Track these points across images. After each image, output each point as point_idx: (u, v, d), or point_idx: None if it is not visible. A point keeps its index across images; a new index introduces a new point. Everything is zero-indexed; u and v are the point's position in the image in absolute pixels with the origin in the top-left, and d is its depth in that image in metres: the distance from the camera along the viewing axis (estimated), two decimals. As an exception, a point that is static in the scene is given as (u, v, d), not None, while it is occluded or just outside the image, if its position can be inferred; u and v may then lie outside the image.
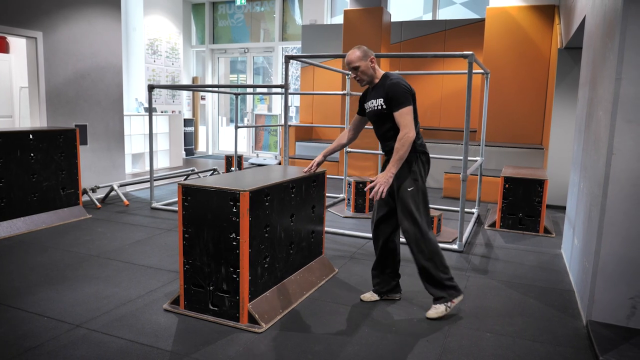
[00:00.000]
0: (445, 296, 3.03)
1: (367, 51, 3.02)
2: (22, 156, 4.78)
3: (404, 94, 2.92)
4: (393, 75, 3.03)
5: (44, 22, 5.74)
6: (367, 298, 3.28)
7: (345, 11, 8.39)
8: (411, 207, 2.96)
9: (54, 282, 3.47)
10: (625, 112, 2.70)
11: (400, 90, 2.92)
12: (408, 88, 2.96)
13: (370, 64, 3.02)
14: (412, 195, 2.96)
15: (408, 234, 2.99)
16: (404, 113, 2.90)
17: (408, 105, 2.92)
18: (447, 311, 3.01)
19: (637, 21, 2.63)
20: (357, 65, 3.00)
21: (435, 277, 3.01)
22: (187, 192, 2.88)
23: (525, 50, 7.66)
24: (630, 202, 2.73)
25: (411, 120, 2.91)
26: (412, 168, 2.97)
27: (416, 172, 2.98)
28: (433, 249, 2.99)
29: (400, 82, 2.96)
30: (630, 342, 2.63)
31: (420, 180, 3.00)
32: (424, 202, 3.02)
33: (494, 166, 7.37)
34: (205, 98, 12.23)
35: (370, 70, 3.03)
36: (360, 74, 3.03)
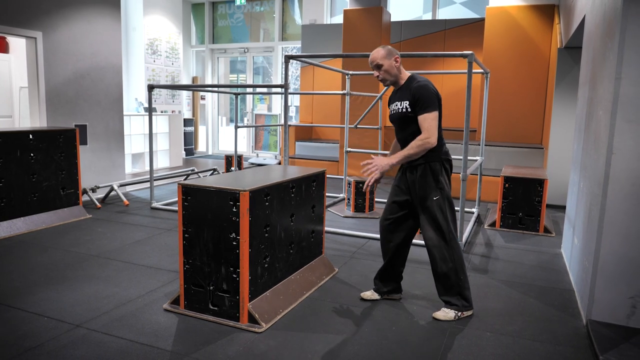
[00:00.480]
0: (458, 305, 3.01)
1: (392, 50, 2.94)
2: (22, 156, 4.78)
3: (432, 98, 2.84)
4: (420, 78, 2.94)
5: (44, 22, 5.74)
6: (368, 296, 3.27)
7: (345, 11, 8.39)
8: (437, 216, 2.92)
9: (54, 282, 3.47)
10: (625, 111, 2.70)
11: (427, 94, 2.84)
12: (436, 92, 2.89)
13: (395, 63, 2.94)
14: (438, 204, 2.92)
15: (432, 241, 2.96)
16: (429, 118, 2.83)
17: (434, 111, 2.84)
18: (455, 319, 2.98)
19: (637, 21, 2.63)
20: (380, 63, 2.92)
21: (455, 286, 2.99)
22: (187, 192, 2.88)
23: (525, 49, 7.66)
24: (630, 201, 2.73)
25: (435, 126, 2.84)
26: (438, 177, 2.93)
27: (442, 182, 2.94)
28: (457, 258, 2.97)
29: (428, 85, 2.88)
30: (630, 342, 2.63)
31: (446, 188, 2.96)
32: (451, 210, 2.98)
33: (494, 166, 7.37)
34: (205, 98, 12.24)
35: (395, 70, 2.95)
36: (383, 73, 2.95)
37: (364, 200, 5.86)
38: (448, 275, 2.97)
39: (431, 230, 2.95)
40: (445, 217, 2.94)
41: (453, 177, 7.42)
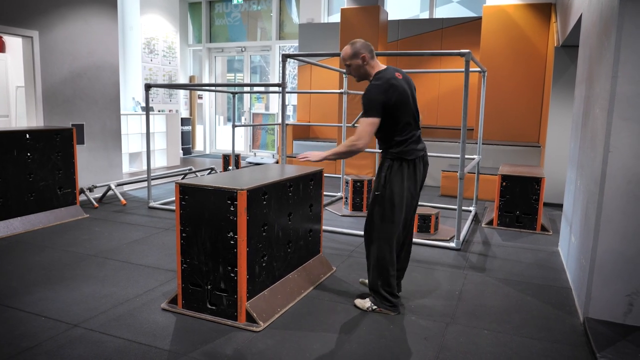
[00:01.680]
0: (376, 299, 3.07)
1: (359, 48, 2.95)
2: (19, 156, 4.77)
3: (372, 103, 2.85)
4: (378, 76, 2.93)
5: (40, 21, 5.73)
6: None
7: (342, 9, 8.39)
8: (374, 211, 3.02)
9: (52, 281, 3.47)
10: (621, 109, 2.71)
11: (369, 98, 2.86)
12: (381, 96, 2.84)
13: (362, 62, 2.96)
14: (378, 200, 3.00)
15: (365, 233, 3.10)
16: (363, 122, 2.87)
17: (370, 117, 2.84)
18: (367, 309, 3.07)
19: (633, 19, 2.64)
20: (348, 63, 3.01)
21: (374, 281, 3.08)
22: (185, 191, 2.88)
23: (522, 48, 7.67)
24: (627, 199, 2.74)
25: (368, 131, 2.85)
26: (385, 175, 2.98)
27: (385, 178, 2.97)
28: (376, 258, 3.03)
29: (375, 89, 2.87)
30: (627, 339, 2.64)
31: (390, 187, 2.95)
32: (391, 209, 2.96)
33: (491, 164, 7.38)
34: (202, 97, 12.21)
35: (362, 68, 2.99)
36: (352, 70, 3.03)
37: (362, 199, 5.86)
38: (370, 270, 3.09)
39: (367, 222, 3.07)
40: (381, 214, 2.98)
41: (451, 176, 7.44)
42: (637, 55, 2.65)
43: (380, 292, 3.05)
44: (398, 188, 2.96)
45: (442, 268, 3.94)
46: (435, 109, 9.28)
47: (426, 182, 7.90)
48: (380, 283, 3.05)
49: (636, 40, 2.64)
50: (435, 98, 9.25)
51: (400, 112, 2.93)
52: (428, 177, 7.79)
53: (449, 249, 4.44)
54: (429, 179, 7.82)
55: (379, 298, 3.07)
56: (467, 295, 3.39)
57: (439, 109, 9.25)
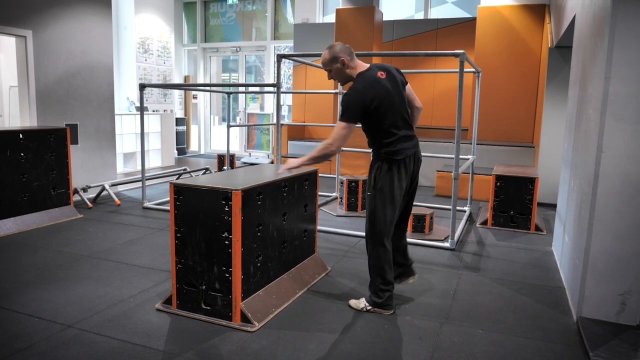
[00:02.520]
0: (373, 300, 3.08)
1: (337, 53, 2.93)
2: (12, 156, 4.74)
3: (349, 106, 2.85)
4: (360, 79, 2.91)
5: (34, 21, 5.70)
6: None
7: (337, 10, 8.40)
8: (369, 211, 3.05)
9: (45, 282, 3.45)
10: (614, 110, 2.73)
11: (347, 101, 2.87)
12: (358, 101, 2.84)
13: (341, 66, 2.94)
14: (371, 200, 3.03)
15: (365, 233, 3.12)
16: (338, 126, 2.87)
17: (345, 121, 2.85)
18: (362, 309, 3.09)
19: (626, 20, 2.66)
20: (327, 68, 3.02)
21: (372, 282, 3.11)
22: (179, 192, 2.87)
23: (517, 49, 7.70)
24: (620, 199, 2.76)
25: (342, 135, 2.85)
26: (375, 175, 3.01)
27: (376, 179, 2.99)
28: (374, 258, 3.06)
29: (353, 92, 2.86)
30: (620, 338, 2.66)
31: (380, 186, 2.96)
32: (382, 209, 2.98)
33: (486, 164, 7.41)
34: (197, 97, 12.19)
35: (343, 72, 2.97)
36: (333, 75, 3.03)
37: (357, 199, 5.87)
38: (369, 267, 3.11)
39: (365, 222, 3.10)
40: (374, 214, 3.01)
41: (445, 176, 7.47)
42: (630, 56, 2.67)
43: (378, 293, 3.06)
44: (388, 188, 2.97)
45: (437, 268, 3.95)
46: (430, 110, 9.29)
47: (421, 182, 7.95)
48: (378, 282, 3.06)
49: (629, 41, 2.66)
50: (430, 98, 9.26)
51: (383, 114, 2.91)
52: (423, 177, 7.81)
53: (444, 249, 4.45)
54: (423, 179, 7.84)
55: (375, 297, 3.07)
56: (462, 295, 3.40)
57: (433, 110, 9.27)
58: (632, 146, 2.71)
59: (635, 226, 2.74)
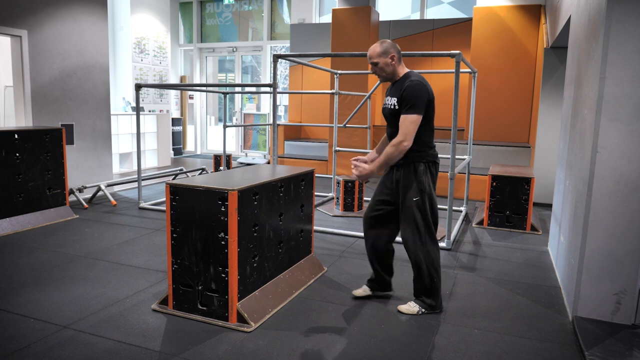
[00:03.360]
0: (426, 304, 3.07)
1: (388, 47, 2.95)
2: (7, 156, 4.72)
3: (417, 100, 2.83)
4: (415, 77, 2.93)
5: (29, 20, 5.68)
6: (360, 293, 3.29)
7: (334, 10, 8.40)
8: (415, 217, 2.97)
9: (41, 283, 3.44)
10: (609, 110, 2.74)
11: (414, 95, 2.83)
12: (425, 94, 2.86)
13: (391, 61, 2.95)
14: (417, 205, 2.96)
15: (409, 242, 3.01)
16: (407, 120, 2.83)
17: (417, 113, 2.83)
18: (417, 314, 3.05)
19: (621, 21, 2.67)
20: (375, 61, 2.97)
21: (427, 287, 3.05)
22: (175, 192, 2.87)
23: (512, 49, 7.73)
24: (615, 199, 2.77)
25: (413, 129, 2.83)
26: (420, 178, 2.95)
27: (423, 183, 2.96)
28: (430, 261, 3.02)
29: (419, 86, 2.86)
30: (615, 337, 2.67)
31: (428, 189, 2.98)
32: (432, 213, 3.01)
33: (482, 164, 7.42)
34: (193, 97, 12.17)
35: (390, 67, 2.97)
36: (378, 70, 3.00)
37: (353, 199, 5.87)
38: (421, 276, 3.04)
39: (409, 230, 3.00)
40: (424, 218, 2.98)
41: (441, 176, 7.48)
42: (625, 57, 2.68)
43: (435, 294, 3.06)
44: (433, 190, 3.02)
45: (433, 268, 3.95)
46: (426, 110, 9.30)
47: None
48: (436, 287, 3.05)
49: (624, 42, 2.67)
50: (426, 99, 9.27)
51: (433, 114, 2.98)
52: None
53: (440, 249, 4.45)
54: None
55: (430, 300, 3.05)
56: (458, 295, 3.41)
57: (430, 110, 9.27)
58: (627, 146, 2.72)
59: (630, 226, 2.76)
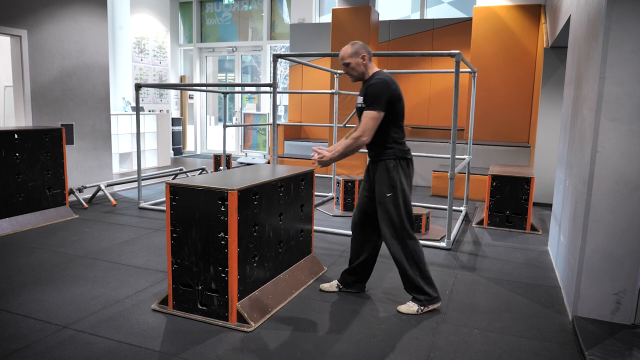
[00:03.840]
0: (421, 299, 3.08)
1: (359, 48, 3.01)
2: (7, 156, 4.72)
3: (379, 97, 2.91)
4: (380, 74, 3.01)
5: (29, 20, 5.68)
6: (326, 288, 3.37)
7: (334, 10, 8.40)
8: (390, 213, 3.02)
9: (41, 283, 3.44)
10: (609, 110, 2.74)
11: (375, 91, 2.92)
12: (387, 91, 2.93)
13: (362, 60, 3.02)
14: (391, 201, 3.01)
15: (387, 237, 3.07)
16: (368, 116, 2.92)
17: (376, 110, 2.91)
18: (418, 312, 3.06)
19: (621, 21, 2.67)
20: (347, 62, 3.04)
21: (413, 280, 3.08)
22: (175, 192, 2.87)
23: (512, 49, 7.72)
24: (614, 199, 2.77)
25: (373, 125, 2.91)
26: (391, 174, 3.01)
27: (394, 179, 3.01)
28: (410, 254, 3.05)
29: (382, 84, 2.93)
30: (615, 337, 2.67)
31: (400, 185, 3.02)
32: (405, 207, 3.04)
33: (482, 164, 7.42)
34: (193, 97, 12.17)
35: (361, 67, 3.03)
36: (350, 70, 3.06)
37: (353, 199, 5.87)
38: (405, 271, 3.08)
39: (385, 226, 3.06)
40: (399, 214, 3.02)
41: (441, 176, 7.47)
42: (625, 57, 2.68)
43: (424, 288, 3.07)
44: (405, 185, 3.04)
45: (433, 268, 3.96)
46: (426, 110, 9.32)
47: (417, 182, 7.97)
48: (421, 280, 3.07)
49: (623, 42, 2.67)
50: (426, 98, 9.28)
51: (401, 110, 3.04)
52: (419, 177, 7.83)
53: (440, 249, 4.46)
54: (419, 179, 7.86)
55: (423, 295, 3.08)
56: (458, 295, 3.41)
57: (429, 110, 9.29)
58: (626, 146, 2.72)
59: (630, 226, 2.76)
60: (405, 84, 9.35)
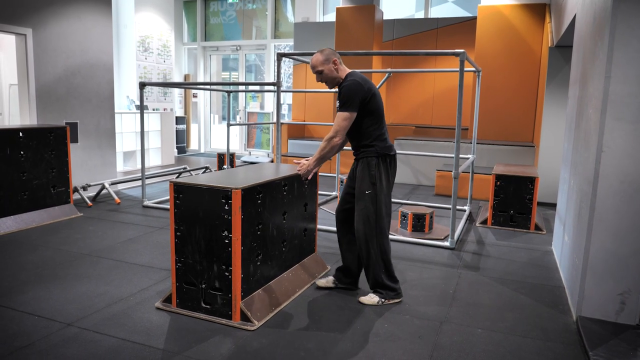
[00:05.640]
0: (382, 293, 3.17)
1: (329, 54, 3.07)
2: (12, 154, 4.74)
3: (349, 98, 2.95)
4: (352, 75, 3.06)
5: (34, 19, 5.69)
6: (323, 284, 3.41)
7: (338, 9, 8.39)
8: (368, 209, 3.07)
9: (45, 280, 3.45)
10: (614, 110, 2.73)
11: (346, 93, 2.96)
12: (359, 91, 2.96)
13: (334, 66, 3.07)
14: (370, 198, 3.06)
15: (359, 233, 3.12)
16: (340, 117, 2.96)
17: (348, 111, 2.96)
18: (378, 304, 3.15)
19: (626, 20, 2.65)
20: (320, 69, 3.08)
21: (377, 278, 3.15)
22: (179, 190, 2.87)
23: (517, 48, 7.70)
24: (619, 198, 2.76)
25: (345, 126, 2.97)
26: (372, 172, 3.06)
27: (375, 176, 3.06)
28: (377, 253, 3.11)
29: (353, 85, 2.98)
30: (619, 338, 2.66)
31: (379, 183, 3.07)
32: (385, 205, 3.10)
33: (486, 164, 7.41)
34: (197, 96, 12.19)
35: (334, 72, 3.08)
36: (324, 77, 3.10)
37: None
38: (369, 266, 3.15)
39: (360, 222, 3.11)
40: (376, 211, 3.07)
41: (445, 175, 7.46)
42: (630, 56, 2.67)
43: (387, 283, 3.16)
44: (385, 183, 3.09)
45: (437, 267, 3.95)
46: (430, 109, 9.30)
47: (421, 182, 7.95)
48: (384, 276, 3.15)
49: (629, 41, 2.66)
50: (430, 98, 9.27)
51: (378, 107, 3.07)
52: (423, 176, 7.83)
53: (443, 248, 4.45)
54: (423, 179, 7.85)
55: (385, 290, 3.17)
56: (461, 294, 3.40)
57: (433, 109, 9.27)
58: (632, 145, 2.71)
59: (635, 226, 2.74)
60: (410, 83, 9.33)
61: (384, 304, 3.16)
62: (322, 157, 3.07)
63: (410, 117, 9.45)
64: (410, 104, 9.41)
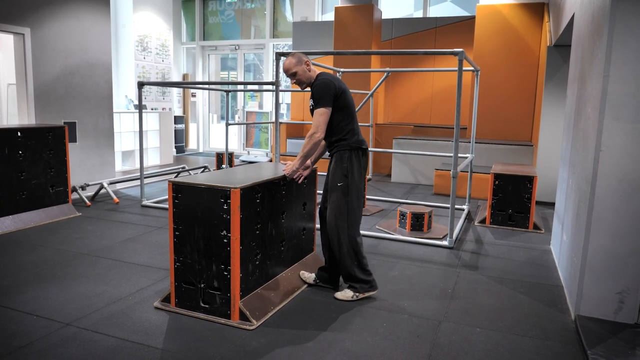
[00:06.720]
0: (356, 287, 3.21)
1: (301, 57, 3.18)
2: (10, 154, 4.73)
3: (323, 95, 3.05)
4: (322, 75, 3.17)
5: (32, 18, 5.68)
6: (305, 277, 3.45)
7: (336, 8, 8.39)
8: (339, 202, 3.14)
9: (44, 280, 3.45)
10: (613, 109, 2.73)
11: (319, 91, 3.06)
12: (330, 88, 3.06)
13: (306, 66, 3.17)
14: (342, 190, 3.13)
15: (330, 225, 3.18)
16: (317, 113, 3.05)
17: (323, 107, 3.05)
18: (353, 299, 3.20)
19: (625, 20, 2.66)
20: (294, 71, 3.17)
21: (349, 269, 3.19)
22: (178, 190, 2.87)
23: (515, 47, 7.70)
24: (618, 198, 2.77)
25: (323, 121, 3.05)
26: (344, 164, 3.13)
27: (347, 169, 3.13)
28: (349, 245, 3.16)
29: (323, 82, 3.09)
30: (618, 336, 2.67)
31: (351, 176, 3.14)
32: (357, 197, 3.17)
33: (484, 163, 7.41)
34: (195, 95, 12.18)
35: (307, 73, 3.18)
36: (298, 78, 3.18)
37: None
38: (341, 259, 3.19)
39: (332, 214, 3.17)
40: (346, 202, 3.13)
41: (444, 174, 7.46)
42: (629, 55, 2.67)
43: (359, 276, 3.20)
44: (357, 176, 3.16)
45: (435, 266, 3.96)
46: (429, 108, 9.30)
47: (419, 181, 7.95)
48: (356, 269, 3.19)
49: (627, 40, 2.66)
50: (428, 97, 9.27)
51: (349, 102, 3.16)
52: (421, 175, 7.83)
53: (442, 247, 4.46)
54: (422, 178, 7.85)
55: (358, 284, 3.21)
56: (460, 294, 3.40)
57: (432, 108, 9.27)
58: (630, 144, 2.71)
59: (633, 225, 2.75)
60: (408, 82, 9.33)
61: (358, 298, 3.20)
62: (305, 155, 3.12)
63: (409, 116, 9.46)
64: (408, 103, 9.42)
